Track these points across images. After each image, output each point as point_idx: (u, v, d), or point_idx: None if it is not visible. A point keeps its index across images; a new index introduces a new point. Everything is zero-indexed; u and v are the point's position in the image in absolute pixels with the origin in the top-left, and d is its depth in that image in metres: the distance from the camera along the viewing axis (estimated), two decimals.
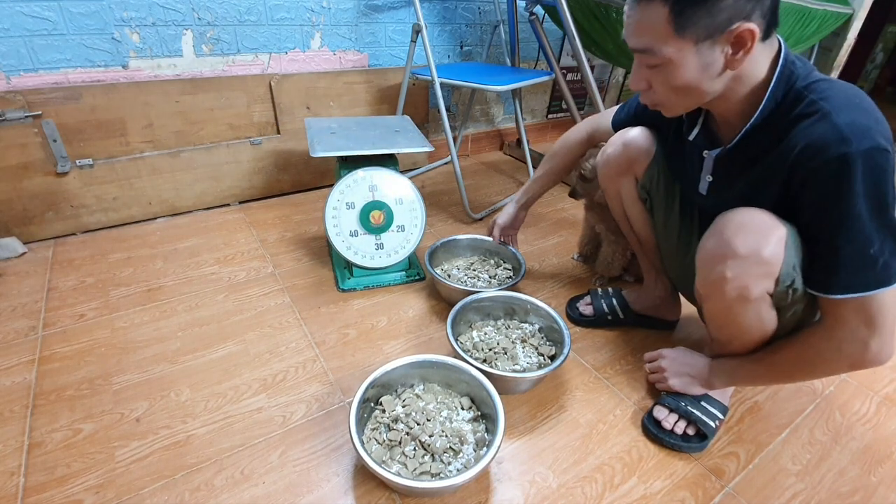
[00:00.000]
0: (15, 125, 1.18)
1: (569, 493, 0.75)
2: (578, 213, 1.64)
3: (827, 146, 0.58)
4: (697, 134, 0.78)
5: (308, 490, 0.73)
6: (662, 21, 0.60)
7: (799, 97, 0.63)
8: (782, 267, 0.65)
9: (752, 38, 0.58)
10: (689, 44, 0.60)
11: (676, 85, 0.65)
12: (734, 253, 0.66)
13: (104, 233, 1.38)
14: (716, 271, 0.69)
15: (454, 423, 0.80)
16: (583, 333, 1.09)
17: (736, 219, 0.67)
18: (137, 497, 0.71)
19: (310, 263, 1.28)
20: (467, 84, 1.43)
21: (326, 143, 1.11)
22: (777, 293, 0.67)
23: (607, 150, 0.95)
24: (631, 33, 0.65)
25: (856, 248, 0.59)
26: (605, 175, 0.98)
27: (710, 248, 0.70)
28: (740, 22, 0.58)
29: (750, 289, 0.67)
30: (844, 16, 2.47)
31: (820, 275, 0.64)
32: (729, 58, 0.61)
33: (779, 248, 0.64)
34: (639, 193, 0.95)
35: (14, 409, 0.84)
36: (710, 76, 0.63)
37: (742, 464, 0.81)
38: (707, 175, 0.78)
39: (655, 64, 0.64)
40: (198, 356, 0.97)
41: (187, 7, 1.32)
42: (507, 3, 1.72)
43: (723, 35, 0.59)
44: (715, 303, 0.74)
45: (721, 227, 0.68)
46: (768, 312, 0.71)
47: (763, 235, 0.64)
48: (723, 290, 0.69)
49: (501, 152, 2.20)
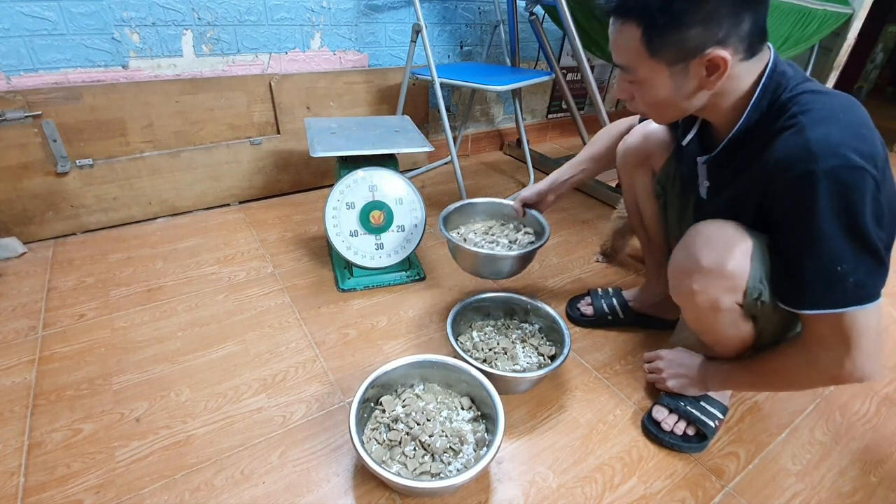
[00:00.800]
0: (15, 125, 1.18)
1: (569, 493, 0.75)
2: (580, 214, 1.64)
3: (795, 162, 0.57)
4: (691, 140, 0.78)
5: (308, 490, 0.73)
6: (636, 42, 0.61)
7: (783, 109, 0.62)
8: (749, 280, 0.66)
9: (724, 64, 0.58)
10: (663, 65, 0.61)
11: (653, 102, 0.67)
12: (699, 267, 0.68)
13: (104, 233, 1.38)
14: (684, 284, 0.71)
15: (454, 423, 0.80)
16: (583, 333, 1.09)
17: (704, 232, 0.69)
18: (137, 497, 0.71)
19: (310, 263, 1.28)
20: (467, 84, 1.43)
21: (326, 143, 1.11)
22: (746, 305, 0.68)
23: (628, 139, 0.94)
24: (613, 49, 0.66)
25: (820, 265, 0.58)
26: (622, 165, 0.97)
27: (679, 262, 0.72)
28: (712, 48, 0.58)
29: (718, 301, 0.68)
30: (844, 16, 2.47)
31: (789, 289, 0.64)
32: (703, 79, 0.61)
33: (744, 261, 0.65)
34: (654, 188, 0.94)
35: (14, 409, 0.84)
36: (684, 95, 0.64)
37: (742, 464, 0.81)
38: (704, 181, 0.78)
39: (633, 80, 0.66)
40: (198, 356, 0.97)
41: (187, 7, 1.32)
42: (507, 3, 1.72)
43: (695, 59, 0.59)
44: (689, 312, 0.76)
45: (689, 241, 0.70)
46: (742, 321, 0.72)
47: (727, 249, 0.66)
48: (693, 301, 0.71)
49: (501, 152, 2.20)
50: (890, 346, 1.10)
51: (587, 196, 1.77)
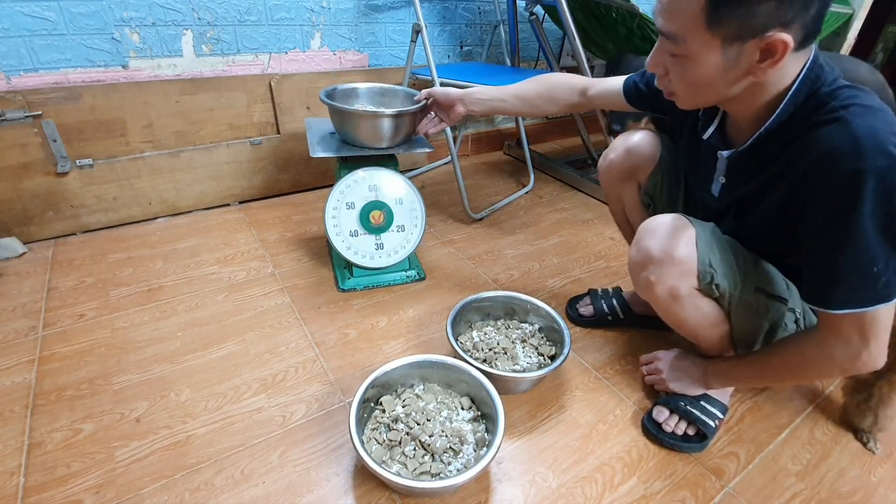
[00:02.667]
0: (15, 125, 1.18)
1: (569, 493, 0.75)
2: (579, 214, 1.64)
3: (841, 158, 0.55)
4: (713, 133, 0.74)
5: (308, 490, 0.73)
6: (697, 9, 0.55)
7: (821, 103, 0.59)
8: (697, 264, 0.70)
9: (783, 49, 0.54)
10: (717, 40, 0.56)
11: (693, 80, 0.62)
12: (651, 258, 0.72)
13: (104, 233, 1.38)
14: (641, 277, 0.75)
15: (454, 423, 0.80)
16: (583, 333, 1.09)
17: (649, 227, 0.74)
18: (137, 497, 0.71)
19: (310, 263, 1.28)
20: (467, 84, 1.43)
21: (326, 143, 1.11)
22: (702, 288, 0.72)
23: (609, 155, 0.93)
24: (660, 13, 0.59)
25: (857, 265, 0.58)
26: (606, 180, 0.97)
27: (633, 257, 0.76)
28: (776, 30, 0.53)
29: (676, 288, 0.72)
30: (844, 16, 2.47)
31: (818, 288, 0.63)
32: (753, 65, 0.57)
33: (689, 247, 0.70)
34: (641, 199, 0.94)
35: (14, 409, 0.84)
36: (728, 79, 0.60)
37: (742, 464, 0.81)
38: (720, 177, 0.76)
39: (677, 53, 0.60)
40: (198, 356, 0.97)
41: (187, 7, 1.32)
42: (507, 3, 1.72)
43: (753, 40, 0.55)
44: (654, 305, 0.79)
45: (638, 237, 0.75)
46: (706, 304, 0.75)
47: (672, 238, 0.70)
48: (654, 293, 0.75)
49: (501, 152, 2.20)
50: None
51: (587, 196, 1.77)
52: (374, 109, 0.84)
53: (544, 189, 1.82)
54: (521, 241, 1.45)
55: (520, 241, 1.45)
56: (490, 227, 1.53)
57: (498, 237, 1.47)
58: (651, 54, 0.65)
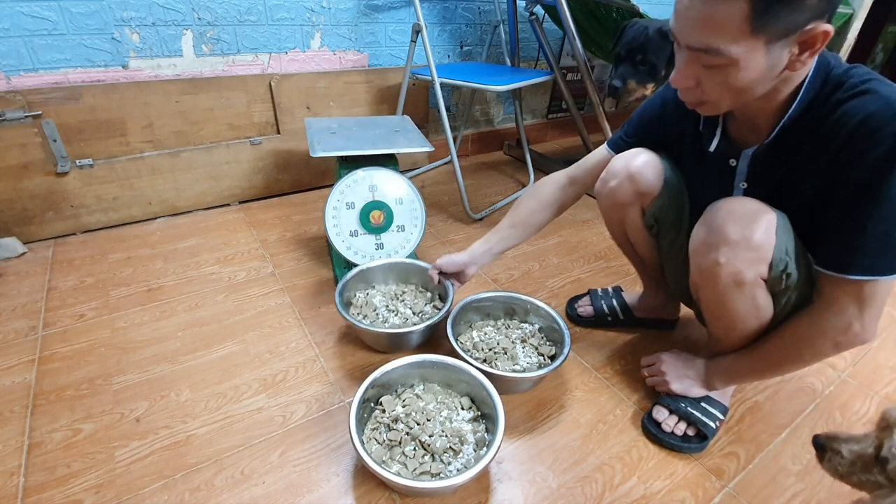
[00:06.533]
0: (15, 125, 1.18)
1: (569, 493, 0.75)
2: (579, 214, 1.64)
3: (883, 122, 0.56)
4: (718, 142, 0.74)
5: (308, 490, 0.73)
6: (739, 18, 0.53)
7: (839, 84, 0.61)
8: (774, 252, 0.66)
9: (823, 39, 0.54)
10: (761, 43, 0.55)
11: (736, 86, 0.59)
12: (725, 239, 0.67)
13: (104, 233, 1.38)
14: (709, 258, 0.70)
15: (454, 423, 0.80)
16: (583, 333, 1.09)
17: (724, 207, 0.69)
18: (137, 497, 0.71)
19: (310, 263, 1.28)
20: (467, 84, 1.43)
21: (326, 143, 1.11)
22: (771, 278, 0.68)
23: (610, 182, 0.87)
24: (690, 29, 0.57)
25: (885, 230, 0.58)
26: (607, 208, 0.92)
27: (702, 237, 0.71)
28: (817, 22, 0.53)
29: (743, 274, 0.68)
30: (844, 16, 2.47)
31: (839, 253, 0.63)
32: (794, 58, 0.57)
33: (769, 233, 0.65)
34: (645, 222, 0.90)
35: (14, 409, 0.84)
36: (771, 77, 0.59)
37: (742, 464, 0.81)
38: (741, 182, 0.74)
39: (717, 64, 0.58)
40: (198, 356, 0.97)
41: (187, 7, 1.32)
42: (507, 3, 1.72)
43: (796, 34, 0.54)
44: (709, 291, 0.75)
45: (711, 217, 0.70)
46: (764, 298, 0.71)
47: (753, 221, 0.66)
48: (717, 276, 0.70)
49: (501, 152, 2.20)
50: (890, 346, 1.10)
51: (587, 196, 1.77)
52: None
53: None
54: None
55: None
56: (490, 227, 1.50)
57: None
58: (677, 71, 0.63)
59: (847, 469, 0.57)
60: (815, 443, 0.61)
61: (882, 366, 1.03)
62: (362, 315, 1.03)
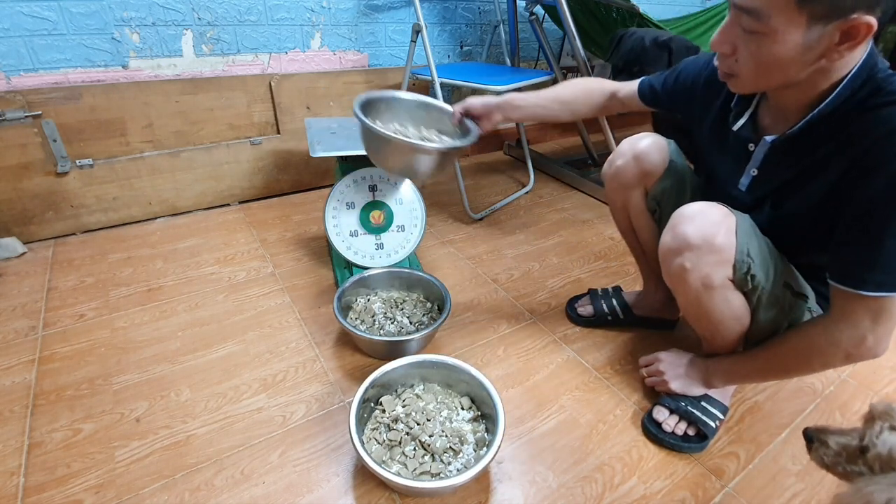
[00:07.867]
0: (15, 125, 1.18)
1: (569, 493, 0.75)
2: (579, 214, 1.64)
3: None
4: (744, 123, 0.73)
5: (308, 490, 0.73)
6: None
7: (878, 88, 0.59)
8: (736, 254, 0.68)
9: (866, 32, 0.53)
10: (803, 19, 0.54)
11: (766, 60, 0.58)
12: (688, 244, 0.69)
13: (104, 233, 1.38)
14: (675, 263, 0.72)
15: (454, 423, 0.80)
16: (583, 333, 1.09)
17: (686, 212, 0.71)
18: (137, 497, 0.71)
19: (310, 263, 1.28)
20: (467, 84, 1.43)
21: (326, 143, 1.11)
22: (737, 279, 0.70)
23: (616, 161, 0.90)
24: None
25: None
26: (613, 189, 0.94)
27: (668, 243, 0.73)
28: (862, 12, 0.52)
29: (711, 277, 0.70)
30: None
31: (855, 268, 0.62)
32: (833, 47, 0.55)
33: (729, 235, 0.68)
34: (647, 205, 0.92)
35: (14, 409, 0.84)
36: (804, 61, 0.57)
37: (742, 464, 0.81)
38: (752, 169, 0.74)
39: (755, 30, 0.57)
40: (198, 356, 0.97)
41: (187, 7, 1.32)
42: (507, 3, 1.72)
43: (838, 20, 0.53)
44: (683, 295, 0.77)
45: (675, 223, 0.71)
46: (736, 299, 0.73)
47: (713, 225, 0.68)
48: (685, 281, 0.72)
49: (501, 152, 2.20)
50: (890, 346, 1.10)
51: (587, 196, 1.77)
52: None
53: (544, 189, 1.82)
54: (520, 241, 1.45)
55: (520, 241, 1.45)
56: (490, 227, 1.53)
57: (498, 237, 1.47)
58: (720, 31, 0.61)
59: (832, 459, 0.58)
60: (805, 434, 0.62)
61: (882, 366, 1.03)
62: (360, 320, 1.03)
